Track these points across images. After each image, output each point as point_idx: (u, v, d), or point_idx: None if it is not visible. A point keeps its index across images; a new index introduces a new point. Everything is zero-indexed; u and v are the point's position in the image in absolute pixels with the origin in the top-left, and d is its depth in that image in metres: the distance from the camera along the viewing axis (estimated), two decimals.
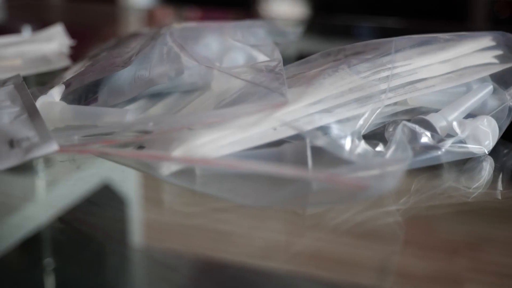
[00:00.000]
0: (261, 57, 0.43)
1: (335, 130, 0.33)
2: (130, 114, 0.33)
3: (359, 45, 0.40)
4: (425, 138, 0.34)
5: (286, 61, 0.39)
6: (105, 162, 0.34)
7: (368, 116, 0.34)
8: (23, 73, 0.40)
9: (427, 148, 0.33)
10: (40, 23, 0.76)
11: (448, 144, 0.34)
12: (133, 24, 1.12)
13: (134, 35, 0.46)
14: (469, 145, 0.34)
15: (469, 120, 0.35)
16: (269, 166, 0.28)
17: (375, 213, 0.32)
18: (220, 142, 0.32)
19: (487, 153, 0.35)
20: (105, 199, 0.35)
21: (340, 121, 0.33)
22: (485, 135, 0.35)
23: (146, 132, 0.32)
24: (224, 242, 0.31)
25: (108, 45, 0.47)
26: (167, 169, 0.31)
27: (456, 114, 0.35)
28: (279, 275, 0.28)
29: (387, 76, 0.36)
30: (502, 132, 0.36)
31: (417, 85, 0.36)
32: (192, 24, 0.47)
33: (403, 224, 0.32)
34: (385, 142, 0.34)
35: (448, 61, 0.38)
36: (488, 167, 0.35)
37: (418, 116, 0.35)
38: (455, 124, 0.34)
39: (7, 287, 0.28)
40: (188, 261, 0.30)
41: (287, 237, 0.31)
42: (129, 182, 0.37)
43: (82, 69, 0.40)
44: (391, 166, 0.28)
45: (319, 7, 1.44)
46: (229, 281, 0.28)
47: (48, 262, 0.30)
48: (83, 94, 0.38)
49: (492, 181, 0.35)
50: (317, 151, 0.31)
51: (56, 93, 0.36)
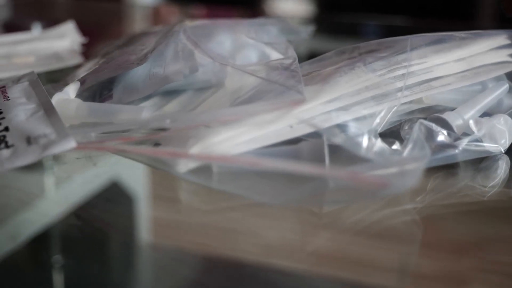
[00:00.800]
0: (274, 55, 0.42)
1: (352, 128, 0.32)
2: (146, 111, 0.33)
3: (373, 43, 0.40)
4: (442, 137, 0.34)
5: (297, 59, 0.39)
6: (119, 159, 0.34)
7: (385, 114, 0.34)
8: (36, 70, 0.40)
9: (444, 147, 0.33)
10: (46, 21, 0.76)
11: (465, 143, 0.34)
12: (139, 22, 1.12)
13: (146, 33, 0.46)
14: (486, 144, 0.34)
15: (486, 119, 0.35)
16: (290, 164, 0.28)
17: (392, 212, 0.32)
18: (237, 140, 0.32)
19: (503, 152, 0.35)
20: (119, 196, 0.35)
21: (357, 119, 0.33)
22: (502, 134, 0.35)
23: (163, 129, 0.32)
24: (239, 240, 0.31)
25: (120, 42, 0.47)
26: (184, 167, 0.31)
27: (472, 113, 0.35)
28: (294, 275, 0.28)
29: (403, 74, 0.36)
30: None
31: (433, 83, 0.36)
32: (205, 22, 0.47)
33: (420, 223, 0.32)
34: (401, 140, 0.34)
35: (463, 60, 0.38)
36: (504, 166, 0.35)
37: (435, 115, 0.35)
38: (472, 123, 0.34)
39: (20, 282, 0.28)
40: (202, 259, 0.30)
41: (303, 236, 0.31)
42: (144, 179, 0.37)
43: (97, 67, 0.40)
44: (410, 164, 0.28)
45: (325, 6, 1.44)
46: (243, 280, 0.28)
47: (58, 259, 0.30)
48: (98, 91, 0.38)
49: (508, 180, 0.34)
50: (333, 149, 0.31)
51: (72, 90, 0.36)
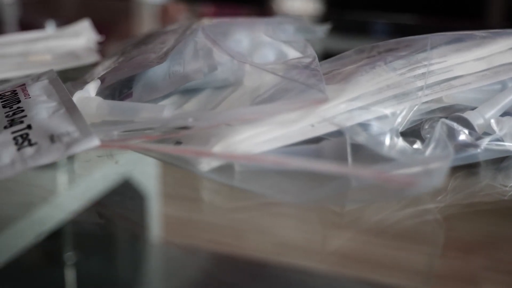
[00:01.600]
0: (292, 53, 0.42)
1: (374, 127, 0.32)
2: (167, 110, 0.33)
3: (392, 42, 0.40)
4: (463, 136, 0.33)
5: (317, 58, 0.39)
6: (133, 157, 0.34)
7: (406, 113, 0.34)
8: (50, 69, 0.40)
9: (465, 146, 0.33)
10: (55, 19, 0.76)
11: (486, 142, 0.34)
12: (147, 20, 1.13)
13: (165, 31, 0.46)
14: (507, 143, 0.34)
15: (507, 118, 0.35)
16: (316, 163, 0.28)
17: (413, 212, 0.32)
18: (259, 139, 0.32)
19: None
20: (132, 194, 0.36)
21: (379, 118, 0.33)
22: None
23: (185, 128, 0.32)
24: (257, 239, 0.31)
25: (137, 40, 0.47)
26: (207, 165, 0.31)
27: (493, 112, 0.35)
28: (315, 275, 0.28)
29: (423, 73, 0.36)
30: None
31: (453, 83, 0.36)
32: (223, 20, 0.47)
33: (441, 223, 0.32)
34: (422, 140, 0.34)
35: (483, 59, 0.38)
36: None
37: (455, 114, 0.35)
38: (493, 122, 0.34)
39: (34, 279, 0.28)
40: (219, 258, 0.30)
41: (324, 236, 0.31)
42: (157, 177, 0.37)
43: (116, 65, 0.40)
44: (435, 163, 0.28)
45: (333, 4, 1.44)
46: (263, 280, 0.28)
47: (70, 256, 0.30)
48: (117, 90, 0.38)
49: None
50: (354, 148, 0.31)
51: (92, 88, 0.36)
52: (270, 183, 0.31)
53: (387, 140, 0.32)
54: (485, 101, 0.36)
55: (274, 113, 0.31)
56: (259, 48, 0.43)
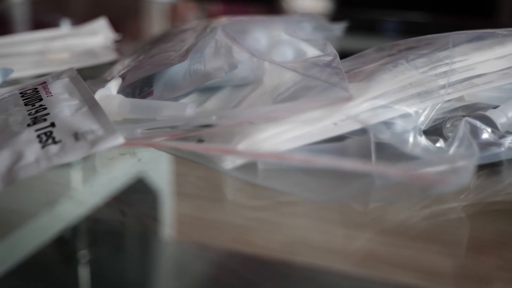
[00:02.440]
0: (311, 52, 0.42)
1: (397, 125, 0.32)
2: (190, 108, 0.33)
3: (412, 40, 0.40)
4: (486, 134, 0.33)
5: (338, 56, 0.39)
6: (147, 156, 0.34)
7: (429, 112, 0.34)
8: (69, 67, 0.40)
9: (488, 145, 0.33)
10: (65, 18, 0.76)
11: (509, 141, 0.34)
12: (156, 18, 1.13)
13: (182, 29, 0.46)
14: None
15: None
16: (345, 162, 0.28)
17: (436, 210, 0.32)
18: (282, 137, 0.32)
19: None
20: (145, 192, 0.36)
21: (402, 116, 0.33)
22: None
23: (209, 126, 0.32)
24: (276, 238, 0.31)
25: (155, 39, 0.47)
26: (231, 163, 0.31)
27: None
28: (338, 275, 0.28)
29: (445, 72, 0.36)
30: None
31: (475, 81, 0.36)
32: (241, 18, 0.47)
33: (464, 222, 0.32)
34: (444, 138, 0.34)
35: (504, 57, 0.38)
36: None
37: (478, 112, 0.35)
38: None
39: (49, 277, 0.28)
40: (233, 256, 0.30)
41: (347, 235, 0.31)
42: (170, 175, 0.37)
43: (136, 63, 0.40)
44: (461, 162, 0.28)
45: (343, 2, 1.43)
46: (288, 279, 0.28)
47: (84, 254, 0.31)
48: (138, 88, 0.38)
49: None
50: (377, 147, 0.31)
51: (113, 86, 0.36)
52: (294, 181, 0.31)
53: (411, 139, 0.32)
54: (507, 100, 0.36)
55: (298, 111, 0.31)
56: (278, 46, 0.43)
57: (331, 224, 0.32)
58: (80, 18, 0.60)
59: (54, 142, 0.31)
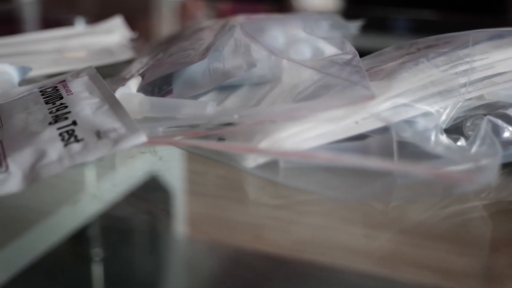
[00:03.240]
0: (329, 50, 0.42)
1: (419, 124, 0.32)
2: (211, 106, 0.33)
3: (431, 39, 0.39)
4: (508, 133, 0.33)
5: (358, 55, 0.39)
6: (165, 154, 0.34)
7: (450, 111, 0.34)
8: (88, 65, 0.40)
9: (510, 143, 0.33)
10: (77, 17, 0.76)
11: None
12: (166, 17, 1.13)
13: (199, 27, 0.46)
14: None
15: None
16: (372, 161, 0.28)
17: (457, 209, 0.32)
18: (304, 135, 0.32)
19: None
20: (158, 190, 0.36)
21: (423, 115, 0.33)
22: None
23: (231, 124, 0.32)
24: (294, 238, 0.31)
25: (171, 37, 0.47)
26: (253, 162, 0.31)
27: None
28: (358, 274, 0.28)
29: (465, 70, 0.35)
30: None
31: (495, 79, 0.36)
32: (259, 17, 0.47)
33: (486, 221, 0.32)
34: (464, 137, 0.34)
35: None
36: None
37: (499, 111, 0.35)
38: None
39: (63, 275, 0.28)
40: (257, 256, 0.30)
41: (368, 235, 0.31)
42: (183, 174, 0.37)
43: (155, 61, 0.40)
44: (485, 160, 0.28)
45: (352, 0, 1.43)
46: (306, 279, 0.28)
47: (98, 252, 0.31)
48: (157, 86, 0.38)
49: None
50: (399, 146, 0.31)
51: (133, 85, 0.36)
52: (316, 180, 0.31)
53: (433, 137, 0.32)
54: None
55: (320, 110, 0.31)
56: (295, 45, 0.43)
57: (351, 223, 0.32)
58: (90, 17, 0.61)
59: (77, 141, 0.31)
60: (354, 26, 0.52)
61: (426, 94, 0.33)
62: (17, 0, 0.95)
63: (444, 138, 0.33)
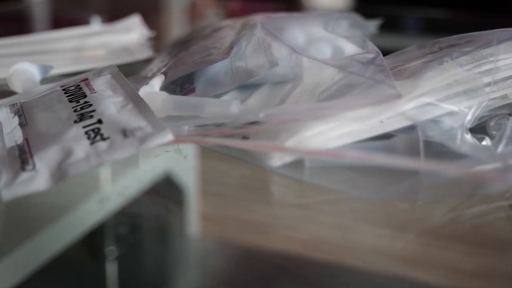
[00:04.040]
0: (349, 49, 0.42)
1: (445, 123, 0.32)
2: (235, 105, 0.33)
3: (454, 38, 0.39)
4: None
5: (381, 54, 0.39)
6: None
7: (475, 110, 0.34)
8: (107, 64, 0.40)
9: None
10: (88, 15, 0.76)
11: None
12: (176, 16, 1.13)
13: (219, 26, 0.46)
14: None
15: None
16: (402, 160, 0.28)
17: (483, 209, 0.32)
18: (329, 134, 0.31)
19: None
20: (172, 189, 0.36)
21: (449, 114, 0.33)
22: None
23: (256, 123, 0.32)
24: (318, 240, 0.31)
25: (190, 36, 0.47)
26: (278, 160, 0.31)
27: None
28: (381, 276, 0.28)
29: (489, 70, 0.35)
30: None
31: None
32: (279, 15, 0.47)
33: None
34: (489, 136, 0.34)
35: None
36: None
37: None
38: None
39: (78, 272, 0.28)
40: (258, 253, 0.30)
41: (393, 236, 0.31)
42: (196, 173, 0.37)
43: (176, 60, 0.40)
44: None
45: None
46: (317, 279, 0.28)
47: (112, 250, 0.31)
48: (179, 85, 0.38)
49: None
50: (425, 145, 0.31)
51: (157, 83, 0.36)
52: (342, 179, 0.31)
53: (459, 136, 0.32)
54: None
55: (346, 109, 0.31)
56: (316, 43, 0.43)
57: (375, 224, 0.32)
58: (100, 16, 0.61)
59: (103, 139, 0.31)
60: (373, 25, 0.52)
61: (451, 93, 0.33)
62: (28, 0, 0.95)
63: (469, 138, 0.33)
